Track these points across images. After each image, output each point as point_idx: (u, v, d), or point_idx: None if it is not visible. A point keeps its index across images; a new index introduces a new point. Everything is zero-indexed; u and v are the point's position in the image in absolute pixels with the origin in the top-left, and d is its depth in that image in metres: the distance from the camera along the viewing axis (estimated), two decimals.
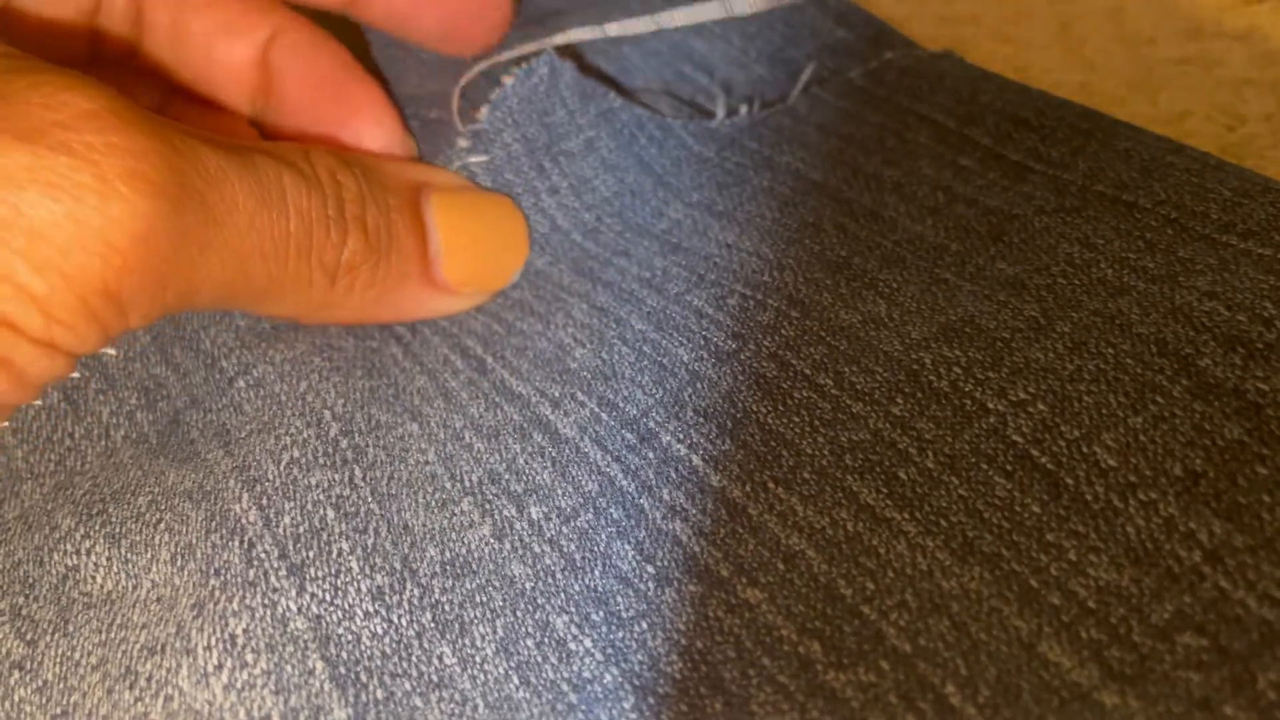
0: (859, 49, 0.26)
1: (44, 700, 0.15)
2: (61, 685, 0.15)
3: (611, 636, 0.15)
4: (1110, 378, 0.16)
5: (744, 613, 0.15)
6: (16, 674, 0.16)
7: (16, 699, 0.15)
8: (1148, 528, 0.14)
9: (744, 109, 0.25)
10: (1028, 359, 0.16)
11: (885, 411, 0.17)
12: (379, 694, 0.15)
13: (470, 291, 0.20)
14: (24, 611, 0.16)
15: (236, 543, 0.16)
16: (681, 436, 0.17)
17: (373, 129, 0.21)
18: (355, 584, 0.16)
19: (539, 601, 0.16)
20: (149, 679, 0.15)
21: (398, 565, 0.16)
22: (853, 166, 0.22)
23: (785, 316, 0.19)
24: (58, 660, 0.16)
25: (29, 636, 0.16)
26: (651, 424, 0.18)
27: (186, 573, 0.16)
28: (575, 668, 0.15)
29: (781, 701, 0.14)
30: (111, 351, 0.20)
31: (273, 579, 0.16)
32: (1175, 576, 0.13)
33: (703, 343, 0.19)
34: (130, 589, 0.16)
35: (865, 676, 0.14)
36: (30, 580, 0.17)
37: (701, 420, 0.18)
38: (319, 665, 0.15)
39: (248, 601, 0.16)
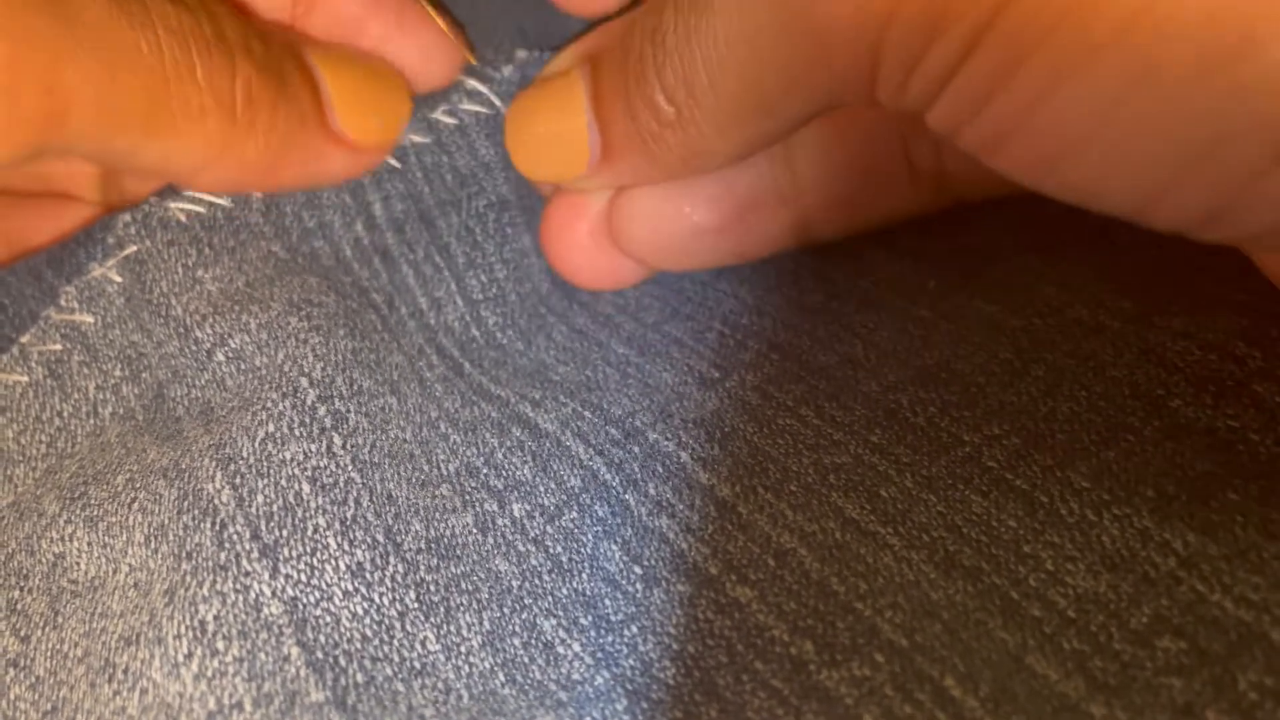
0: None
1: (36, 697, 0.15)
2: (52, 680, 0.15)
3: (601, 641, 0.15)
4: (1083, 419, 0.16)
5: (734, 613, 0.15)
6: (12, 672, 0.15)
7: (13, 697, 0.15)
8: (1123, 537, 0.14)
9: None
10: (1002, 402, 0.17)
11: (864, 439, 0.17)
12: (359, 677, 0.15)
13: (367, 145, 0.20)
14: (19, 605, 0.16)
15: (208, 524, 0.16)
16: (669, 436, 0.17)
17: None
18: (333, 562, 0.16)
19: (526, 602, 0.16)
20: (125, 671, 0.15)
21: (380, 538, 0.16)
22: None
23: (765, 358, 0.19)
24: (48, 654, 0.15)
25: (23, 632, 0.16)
26: (638, 423, 0.18)
27: (160, 556, 0.16)
28: (564, 670, 0.15)
29: (776, 707, 0.14)
30: (89, 319, 0.19)
31: (244, 562, 0.16)
32: (1151, 581, 0.13)
33: (686, 369, 0.19)
34: (110, 574, 0.16)
35: (860, 671, 0.13)
36: (24, 571, 0.16)
37: (690, 426, 0.18)
38: (294, 651, 0.15)
39: (218, 587, 0.15)
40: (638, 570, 0.16)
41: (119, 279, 0.19)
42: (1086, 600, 0.13)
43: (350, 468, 0.17)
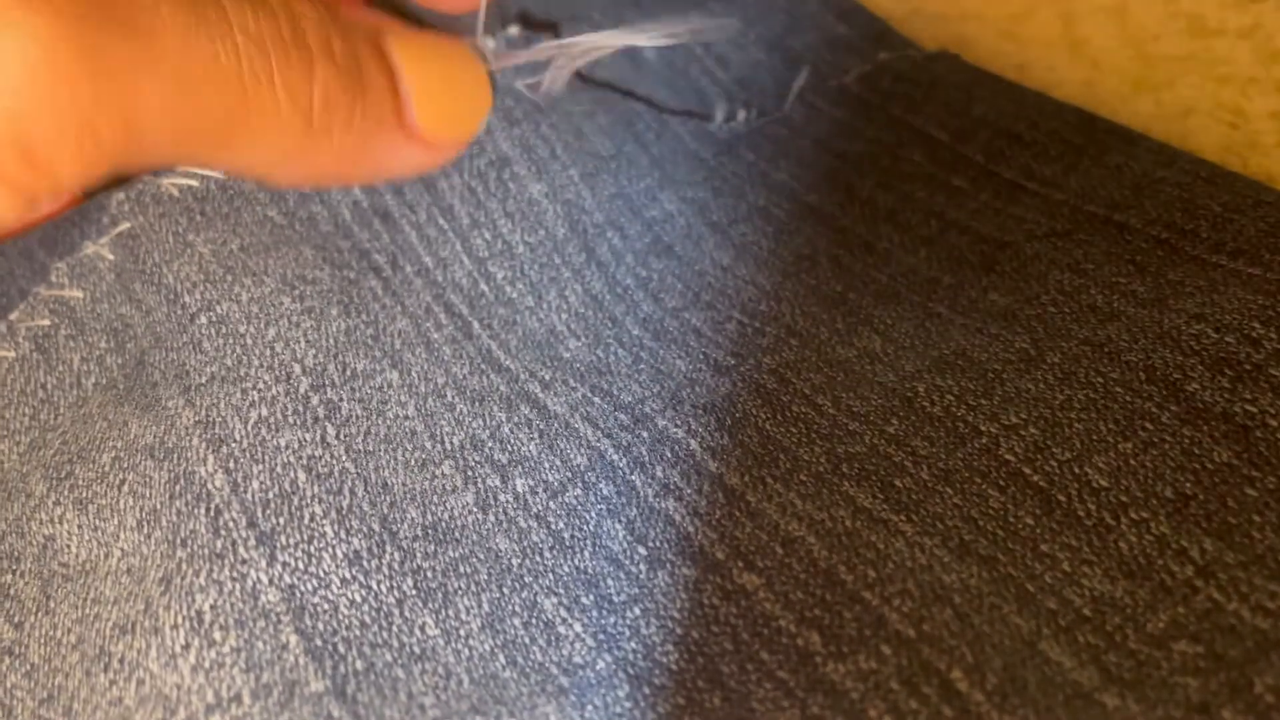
0: (858, 46, 0.26)
1: (32, 685, 0.15)
2: (46, 667, 0.15)
3: (603, 621, 0.15)
4: (1100, 406, 0.16)
5: (740, 600, 0.15)
6: (7, 660, 0.15)
7: (9, 685, 0.15)
8: (1140, 544, 0.14)
9: (741, 115, 0.25)
10: (1019, 389, 0.17)
11: (880, 430, 0.17)
12: (358, 665, 0.15)
13: (444, 141, 0.19)
14: (11, 590, 0.16)
15: (203, 510, 0.16)
16: (679, 423, 0.17)
17: None
18: (330, 549, 0.16)
19: (526, 580, 0.16)
20: (121, 660, 0.15)
21: (376, 527, 0.16)
22: (847, 190, 0.22)
23: (784, 343, 0.19)
24: (42, 641, 0.15)
25: (16, 618, 0.16)
26: (647, 409, 0.18)
27: (153, 541, 0.16)
28: (565, 652, 0.15)
29: (782, 699, 0.14)
30: (78, 294, 0.19)
31: (241, 550, 0.15)
32: (1168, 589, 0.13)
33: (701, 358, 0.19)
34: (103, 558, 0.16)
35: (866, 664, 0.14)
36: (15, 554, 0.16)
37: (700, 413, 0.18)
38: (293, 639, 0.15)
39: (215, 575, 0.15)
40: (642, 551, 0.16)
41: (111, 256, 0.19)
42: (1103, 603, 0.13)
43: (344, 457, 0.17)
